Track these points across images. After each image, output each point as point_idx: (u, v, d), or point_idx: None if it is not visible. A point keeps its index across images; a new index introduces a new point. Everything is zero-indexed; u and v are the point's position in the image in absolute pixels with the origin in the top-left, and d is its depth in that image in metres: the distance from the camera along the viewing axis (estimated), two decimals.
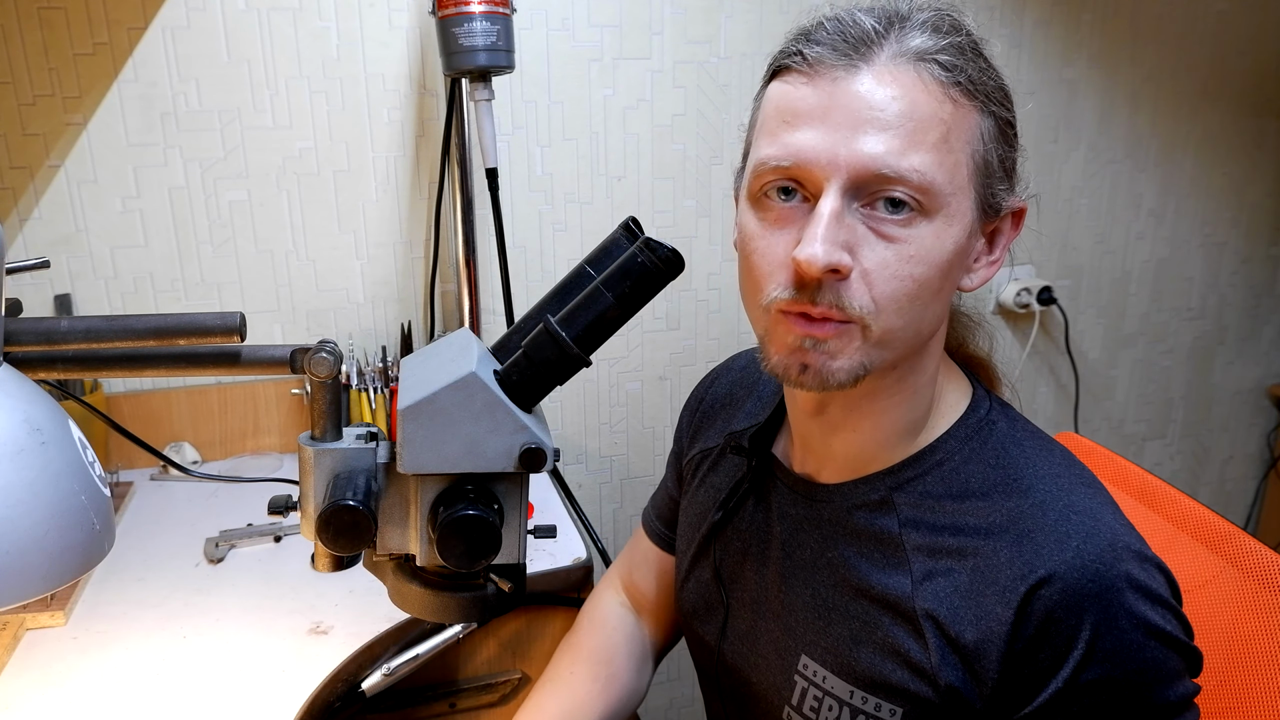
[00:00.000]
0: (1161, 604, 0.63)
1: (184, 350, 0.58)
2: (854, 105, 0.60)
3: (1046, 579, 0.62)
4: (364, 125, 1.42)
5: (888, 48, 0.61)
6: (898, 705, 0.67)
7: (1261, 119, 2.00)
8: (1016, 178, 0.68)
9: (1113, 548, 0.63)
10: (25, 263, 0.70)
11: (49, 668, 0.92)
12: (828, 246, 0.59)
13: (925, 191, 0.60)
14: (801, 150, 0.61)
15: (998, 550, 0.65)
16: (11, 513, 0.45)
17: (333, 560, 0.61)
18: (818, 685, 0.73)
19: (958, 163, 0.62)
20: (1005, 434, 0.71)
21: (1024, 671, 0.63)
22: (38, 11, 1.26)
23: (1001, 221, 0.68)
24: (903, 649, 0.67)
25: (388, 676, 0.98)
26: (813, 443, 0.76)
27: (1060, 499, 0.66)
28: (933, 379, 0.72)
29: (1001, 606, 0.64)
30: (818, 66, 0.62)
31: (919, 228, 0.61)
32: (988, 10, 1.72)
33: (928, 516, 0.69)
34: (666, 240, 0.58)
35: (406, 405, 0.55)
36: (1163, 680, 0.62)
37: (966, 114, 0.62)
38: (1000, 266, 0.69)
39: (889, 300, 0.61)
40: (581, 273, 0.63)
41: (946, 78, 0.61)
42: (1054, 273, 1.94)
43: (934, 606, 0.66)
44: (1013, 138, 0.66)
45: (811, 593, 0.75)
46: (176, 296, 1.41)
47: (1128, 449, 2.13)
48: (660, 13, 1.52)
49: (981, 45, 0.66)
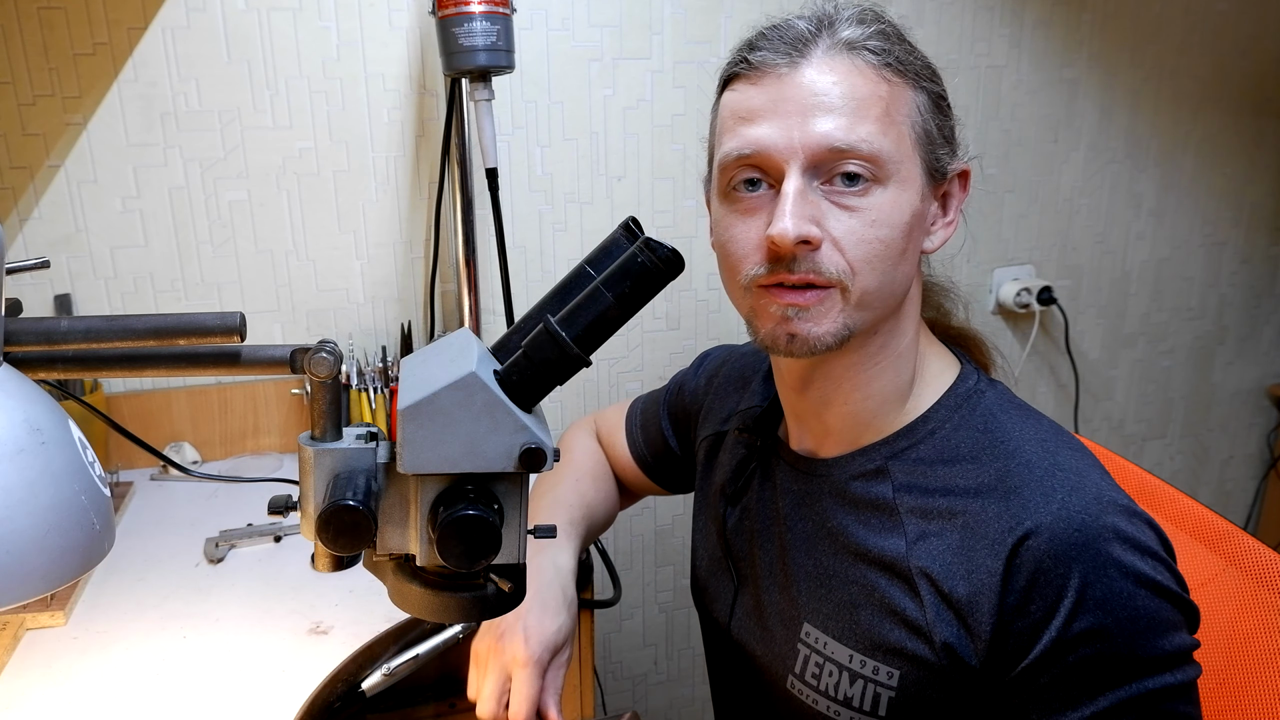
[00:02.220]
0: (1150, 555, 0.65)
1: (184, 350, 0.58)
2: (800, 95, 0.67)
3: (1033, 530, 0.65)
4: (364, 125, 1.42)
5: (822, 43, 0.68)
6: (895, 668, 0.70)
7: (1261, 119, 2.00)
8: (956, 143, 0.74)
9: (1098, 501, 0.66)
10: (25, 263, 0.70)
11: (49, 668, 0.92)
12: (796, 220, 0.65)
13: (875, 160, 0.66)
14: (760, 140, 0.67)
15: (986, 507, 0.68)
16: (11, 513, 0.45)
17: (333, 560, 0.61)
18: (819, 652, 0.76)
19: (900, 134, 0.68)
20: (993, 402, 0.75)
21: (1016, 625, 0.65)
22: (38, 11, 1.26)
23: (949, 184, 0.74)
24: (899, 608, 0.70)
25: (388, 676, 0.98)
26: (807, 419, 0.80)
27: (1046, 459, 0.69)
28: (913, 345, 0.76)
29: (991, 559, 0.66)
30: (763, 69, 0.69)
31: (876, 195, 0.67)
32: (988, 10, 1.72)
33: (920, 481, 0.73)
34: (666, 240, 0.58)
35: (406, 405, 0.55)
36: (1156, 630, 0.63)
37: (901, 90, 0.69)
38: (956, 227, 0.75)
39: (862, 262, 0.67)
40: (581, 273, 0.63)
41: (878, 60, 0.68)
42: (1054, 273, 1.94)
43: (927, 564, 0.69)
44: (946, 108, 0.73)
45: (814, 563, 0.78)
46: (176, 296, 1.41)
47: (1128, 449, 2.13)
48: (660, 13, 1.52)
49: (905, 31, 0.72)
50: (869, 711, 0.72)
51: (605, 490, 1.07)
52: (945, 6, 1.69)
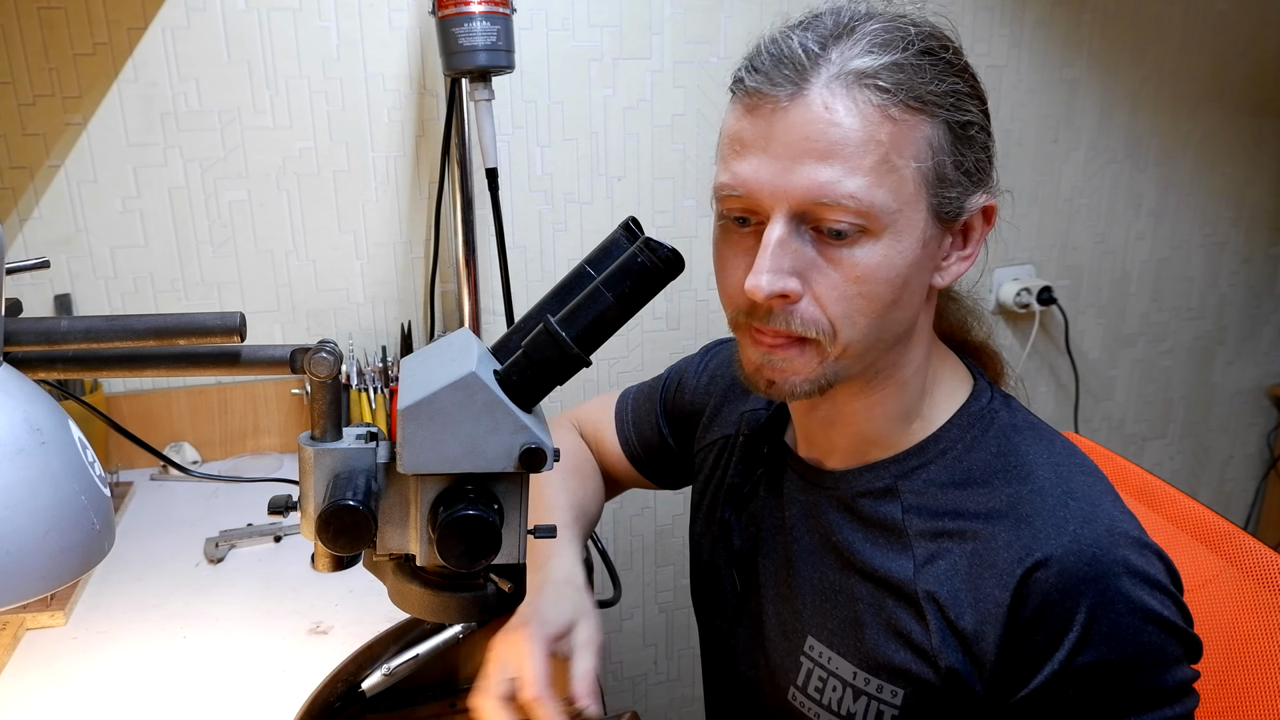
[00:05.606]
0: (1159, 589, 0.64)
1: (184, 350, 0.58)
2: (790, 137, 0.62)
3: (1043, 562, 0.64)
4: (364, 125, 1.42)
5: (824, 71, 0.62)
6: (899, 687, 0.69)
7: (1261, 119, 2.00)
8: (983, 175, 0.68)
9: (1110, 533, 0.64)
10: (25, 263, 0.70)
11: (49, 668, 0.92)
12: (771, 276, 0.62)
13: (865, 215, 0.62)
14: (748, 180, 0.64)
15: (996, 534, 0.67)
16: (11, 513, 0.45)
17: (333, 560, 0.61)
18: (823, 666, 0.75)
19: (902, 179, 0.62)
20: (1007, 423, 0.73)
21: (1021, 654, 0.64)
22: (38, 11, 1.26)
23: (972, 218, 0.69)
24: (905, 630, 0.69)
25: (388, 676, 0.98)
26: (814, 434, 0.79)
27: (1059, 485, 0.67)
28: (921, 369, 0.73)
29: (999, 589, 0.65)
30: (756, 97, 0.64)
31: (865, 248, 0.63)
32: (987, 10, 1.72)
33: (930, 503, 0.71)
34: (666, 240, 0.58)
35: (406, 405, 0.55)
36: (1160, 665, 0.63)
37: (909, 129, 0.62)
38: (974, 260, 0.70)
39: (842, 319, 0.64)
40: (581, 273, 0.63)
41: (884, 99, 0.61)
42: (1054, 273, 1.94)
43: (935, 588, 0.68)
44: (975, 135, 0.66)
45: (819, 576, 0.77)
46: (176, 296, 1.41)
47: (1128, 449, 2.13)
48: (660, 13, 1.52)
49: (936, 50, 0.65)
50: None
51: (592, 487, 1.04)
52: (945, 6, 1.68)
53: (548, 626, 0.77)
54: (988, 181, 0.69)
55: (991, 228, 0.71)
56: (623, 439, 1.06)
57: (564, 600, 0.80)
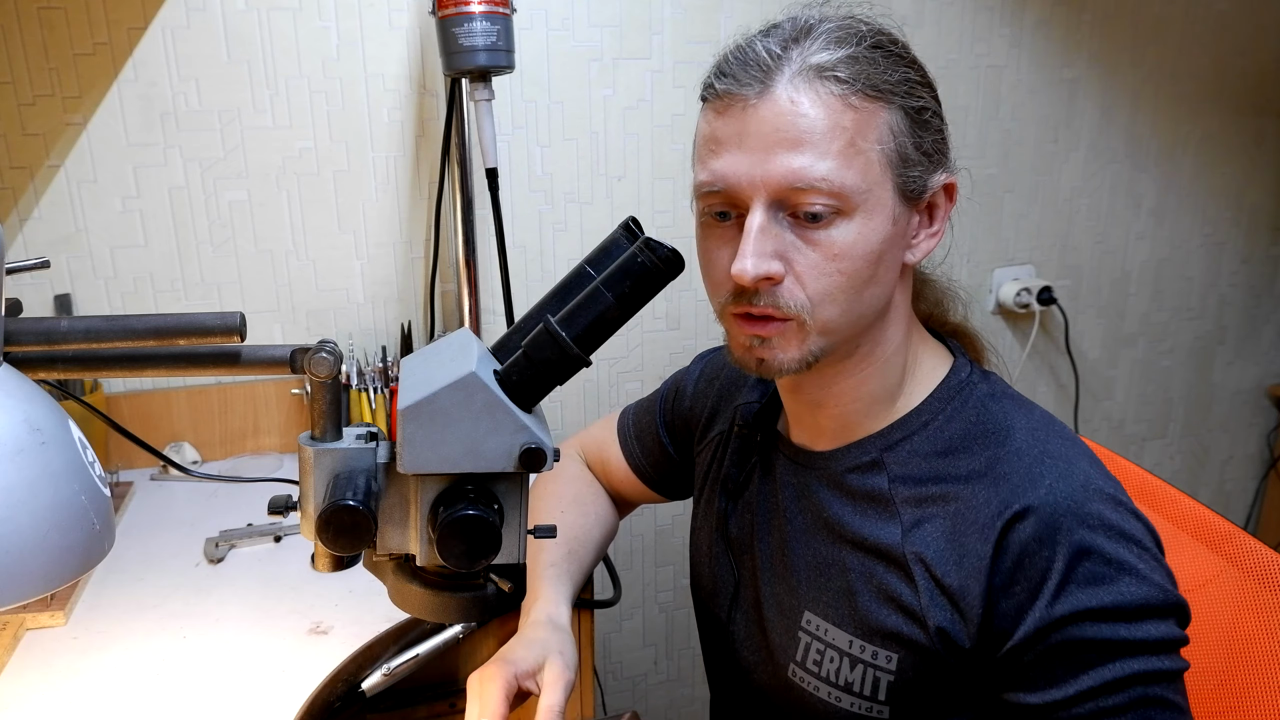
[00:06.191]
0: (1135, 544, 0.66)
1: (184, 350, 0.58)
2: (763, 130, 0.67)
3: (1020, 513, 0.67)
4: (364, 125, 1.42)
5: (788, 69, 0.67)
6: (893, 651, 0.72)
7: (1261, 119, 2.00)
8: (941, 155, 0.72)
9: (1085, 489, 0.68)
10: (25, 263, 0.70)
11: (49, 668, 0.92)
12: (756, 259, 0.67)
13: (838, 195, 0.66)
14: (726, 175, 0.68)
15: (976, 493, 0.71)
16: (11, 513, 0.45)
17: (333, 560, 0.61)
18: (820, 639, 0.77)
19: (868, 161, 0.67)
20: (985, 393, 0.76)
21: (1003, 605, 0.67)
22: (38, 11, 1.26)
23: (935, 196, 0.73)
24: (895, 594, 0.72)
25: (388, 676, 0.98)
26: (802, 416, 0.82)
27: (1036, 446, 0.71)
28: (901, 348, 0.77)
29: (981, 544, 0.68)
30: (727, 99, 0.69)
31: (840, 228, 0.67)
32: (987, 10, 1.72)
33: (914, 472, 0.75)
34: (666, 240, 0.58)
35: (406, 405, 0.55)
36: (1140, 616, 0.64)
37: (870, 115, 0.67)
38: (942, 236, 0.75)
39: (822, 295, 0.68)
40: (581, 273, 0.63)
41: (844, 89, 0.66)
42: (1054, 273, 1.94)
43: (922, 549, 0.71)
44: (929, 119, 0.71)
45: (813, 552, 0.79)
46: (176, 296, 1.41)
47: (1128, 449, 2.13)
48: (660, 13, 1.52)
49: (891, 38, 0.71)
50: (869, 696, 0.74)
51: (595, 512, 1.05)
52: (945, 6, 1.69)
53: (515, 665, 0.81)
54: (946, 161, 0.73)
55: (954, 204, 0.75)
56: (627, 454, 1.08)
57: (536, 642, 0.84)
